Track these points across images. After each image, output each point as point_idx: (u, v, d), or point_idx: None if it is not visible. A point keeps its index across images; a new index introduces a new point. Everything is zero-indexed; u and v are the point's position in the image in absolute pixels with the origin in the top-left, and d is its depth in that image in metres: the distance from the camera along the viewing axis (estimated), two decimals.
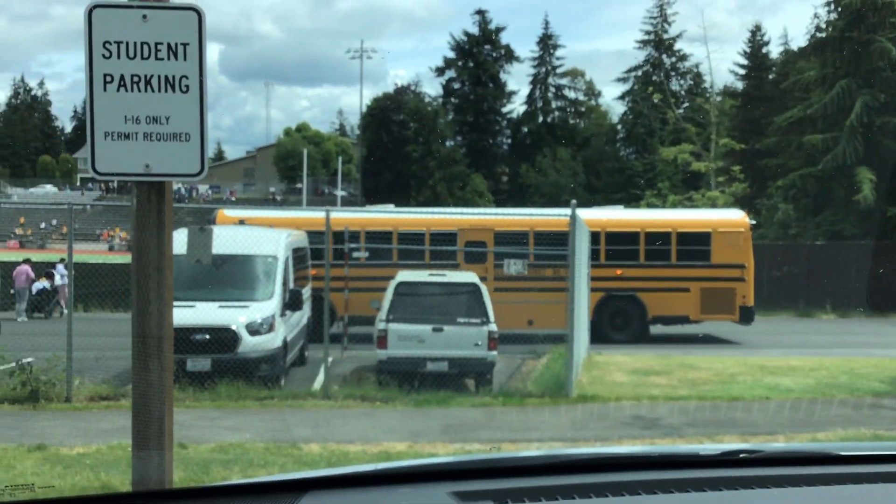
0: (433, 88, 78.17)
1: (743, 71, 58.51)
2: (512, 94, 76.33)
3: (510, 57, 75.31)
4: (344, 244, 18.01)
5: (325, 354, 13.23)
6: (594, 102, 77.89)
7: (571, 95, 77.34)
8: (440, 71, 75.05)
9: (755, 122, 48.21)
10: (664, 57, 69.34)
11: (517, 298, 18.37)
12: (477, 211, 25.90)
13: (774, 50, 58.68)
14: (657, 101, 50.11)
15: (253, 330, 13.11)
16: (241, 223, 17.24)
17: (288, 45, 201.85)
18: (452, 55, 74.70)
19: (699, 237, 20.74)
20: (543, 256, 18.74)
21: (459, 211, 26.77)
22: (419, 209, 36.63)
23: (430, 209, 37.30)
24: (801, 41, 67.34)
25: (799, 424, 11.28)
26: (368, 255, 19.69)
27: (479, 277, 14.67)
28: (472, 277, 14.39)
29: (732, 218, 21.88)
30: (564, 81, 76.88)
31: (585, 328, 16.47)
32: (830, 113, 36.39)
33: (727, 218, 22.01)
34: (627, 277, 20.38)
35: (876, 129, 35.26)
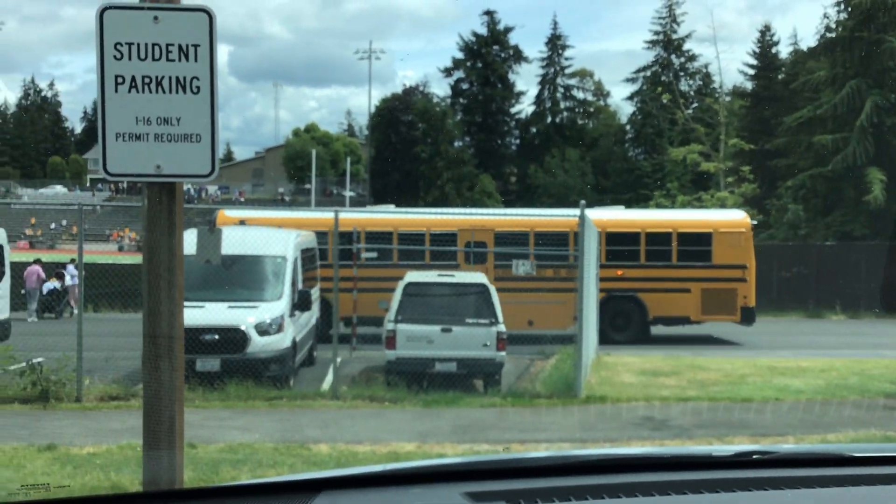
0: (441, 89, 78.36)
1: (752, 71, 58.32)
2: (520, 94, 76.33)
3: (519, 57, 75.26)
4: (351, 244, 18.03)
5: (333, 355, 13.25)
6: (603, 103, 77.77)
7: (580, 96, 77.27)
8: (448, 71, 75.07)
9: (765, 122, 48.05)
10: (673, 57, 69.16)
11: (517, 299, 18.29)
12: (478, 211, 25.72)
13: (784, 50, 58.36)
14: (666, 101, 49.96)
15: (262, 330, 13.14)
16: (241, 223, 17.24)
17: (296, 45, 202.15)
18: (461, 56, 74.70)
19: (700, 237, 20.67)
20: (543, 257, 18.71)
21: (459, 211, 26.58)
22: (419, 209, 36.56)
23: (430, 209, 37.23)
24: (810, 41, 67.00)
25: (809, 426, 11.24)
26: (376, 255, 19.71)
27: None
28: (480, 278, 14.39)
29: (733, 218, 21.81)
30: (573, 82, 76.80)
31: (594, 329, 16.44)
32: (840, 113, 36.25)
33: (728, 218, 21.95)
34: (628, 278, 20.30)
35: (886, 129, 35.11)
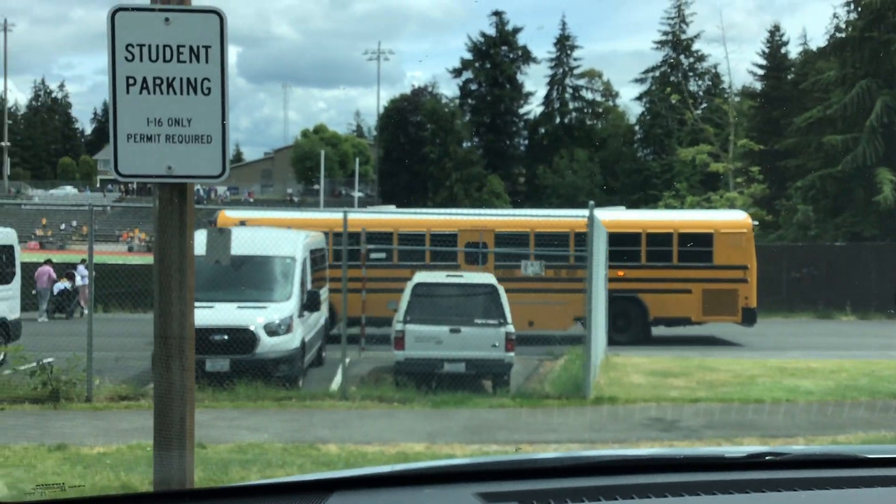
0: (450, 90, 78.27)
1: (761, 71, 58.12)
2: (529, 95, 76.27)
3: (527, 58, 75.22)
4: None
5: (342, 355, 13.27)
6: (611, 103, 77.66)
7: (589, 96, 77.18)
8: (457, 72, 75.07)
9: (774, 122, 47.89)
10: (682, 57, 69.01)
11: (517, 299, 18.22)
12: (479, 212, 25.46)
13: (793, 50, 58.06)
14: (675, 101, 49.92)
15: (271, 331, 13.16)
16: (241, 224, 17.28)
17: (305, 47, 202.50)
18: (469, 56, 74.73)
19: (701, 238, 20.60)
20: (544, 257, 18.67)
21: (460, 212, 26.47)
22: (419, 210, 36.55)
23: (429, 210, 37.22)
24: (820, 41, 66.78)
25: (819, 427, 11.21)
26: (384, 256, 19.72)
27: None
28: (489, 279, 14.39)
29: (735, 219, 21.74)
30: (582, 82, 76.72)
31: (603, 330, 16.42)
32: (850, 113, 36.12)
33: (729, 219, 21.87)
34: (629, 279, 20.20)
35: None
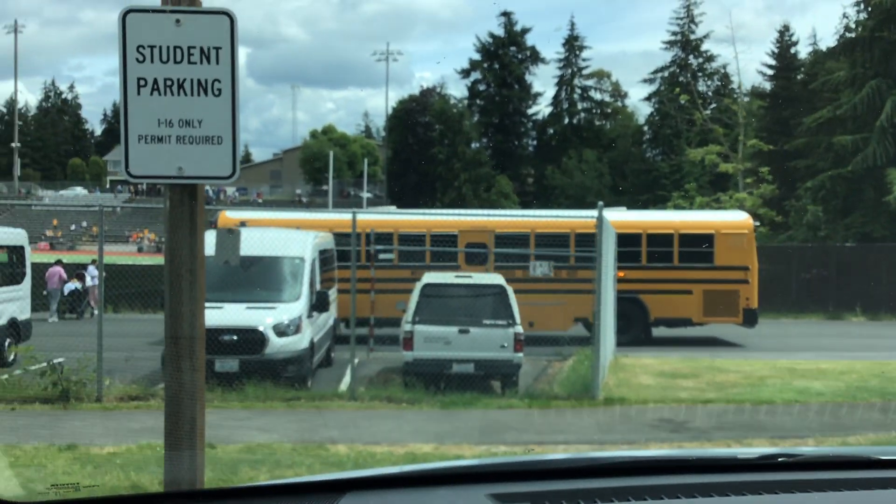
0: (458, 90, 78.31)
1: (771, 71, 57.95)
2: (537, 95, 76.25)
3: (536, 58, 75.19)
4: (369, 246, 18.09)
5: (351, 356, 13.28)
6: (620, 104, 77.57)
7: (597, 97, 77.14)
8: (465, 73, 75.10)
9: (783, 122, 47.74)
10: (691, 58, 68.88)
11: (517, 300, 18.27)
12: (479, 212, 25.41)
13: (803, 50, 57.89)
14: (684, 102, 49.81)
15: (280, 331, 13.19)
16: (242, 225, 17.33)
17: (314, 48, 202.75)
18: (478, 57, 74.74)
19: (702, 239, 20.54)
20: (545, 258, 18.66)
21: (460, 212, 26.38)
22: (419, 210, 36.51)
23: (430, 210, 37.18)
24: (830, 41, 66.52)
25: (829, 428, 11.16)
26: (390, 256, 19.77)
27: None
28: (498, 279, 14.38)
29: (736, 219, 21.68)
30: (590, 83, 76.67)
31: (612, 330, 16.40)
32: (860, 113, 35.98)
33: (731, 219, 21.82)
34: (630, 279, 20.12)
35: None
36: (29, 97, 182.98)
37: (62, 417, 11.10)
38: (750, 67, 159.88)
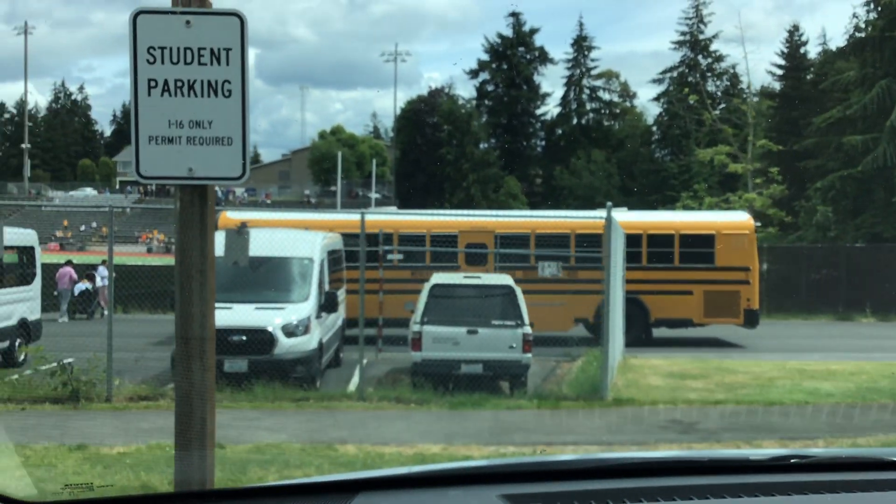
0: (467, 91, 78.35)
1: (780, 71, 57.78)
2: (546, 96, 76.24)
3: (544, 59, 75.18)
4: (379, 247, 18.10)
5: (360, 356, 13.29)
6: (629, 104, 77.48)
7: (606, 97, 77.07)
8: (474, 73, 75.13)
9: (793, 122, 47.60)
10: (700, 58, 68.74)
11: None
12: (479, 213, 25.31)
13: (813, 50, 57.74)
14: (693, 102, 49.67)
15: (289, 331, 13.21)
16: (242, 226, 17.33)
17: (322, 48, 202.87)
18: (486, 57, 74.73)
19: (703, 239, 20.48)
20: (545, 258, 18.64)
21: (460, 213, 26.31)
22: (420, 211, 36.47)
23: (431, 211, 37.13)
24: (839, 41, 66.26)
25: (839, 429, 11.11)
26: (401, 257, 19.79)
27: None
28: (506, 280, 14.37)
29: (737, 220, 21.64)
30: (599, 83, 76.60)
31: (620, 331, 16.37)
32: (870, 113, 35.84)
33: (731, 220, 21.77)
34: (630, 280, 20.02)
35: None
36: (39, 98, 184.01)
37: (72, 417, 11.14)
38: (759, 67, 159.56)
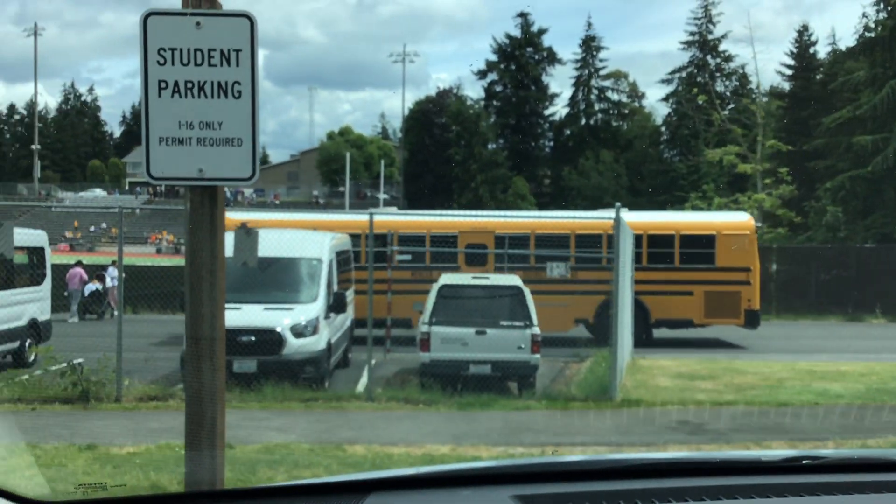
0: (475, 91, 78.35)
1: (790, 71, 57.64)
2: (554, 96, 76.24)
3: (552, 59, 75.14)
4: (386, 247, 18.14)
5: (368, 357, 13.30)
6: (637, 104, 77.37)
7: (614, 97, 77.03)
8: (482, 74, 75.15)
9: (803, 123, 47.46)
10: (709, 58, 68.59)
11: None
12: (478, 213, 25.23)
13: (822, 50, 57.85)
14: (702, 102, 49.55)
15: (297, 332, 13.22)
16: (242, 226, 17.34)
17: (331, 49, 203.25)
18: (494, 58, 74.74)
19: (704, 240, 20.42)
20: (544, 258, 18.62)
21: (460, 213, 26.18)
22: (421, 211, 36.42)
23: (431, 211, 37.07)
24: (849, 41, 66.14)
25: (849, 430, 11.07)
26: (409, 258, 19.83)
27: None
28: (515, 280, 14.36)
29: (738, 220, 21.59)
30: (607, 83, 76.54)
31: (629, 332, 16.33)
32: (880, 114, 35.72)
33: (732, 220, 21.72)
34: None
35: None
36: (49, 99, 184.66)
37: (82, 417, 11.18)
38: (768, 67, 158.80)
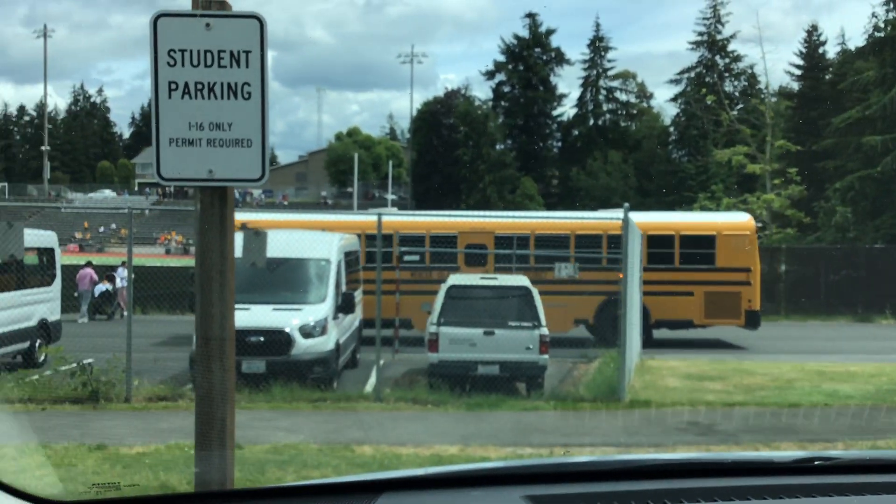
0: (483, 92, 78.37)
1: (799, 71, 57.48)
2: (562, 96, 76.13)
3: (561, 60, 75.08)
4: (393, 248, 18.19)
5: (376, 357, 13.32)
6: (646, 104, 77.24)
7: (623, 98, 76.88)
8: (490, 74, 75.12)
9: (812, 123, 47.31)
10: (717, 58, 68.38)
11: None
12: (477, 214, 25.20)
13: (831, 50, 57.56)
14: (710, 102, 49.43)
15: (306, 332, 13.25)
16: (243, 227, 17.39)
17: (339, 50, 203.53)
18: (502, 58, 74.71)
19: (704, 240, 20.39)
20: (544, 259, 18.59)
21: (459, 214, 26.15)
22: (421, 212, 36.45)
23: (430, 212, 37.11)
24: (858, 41, 65.88)
25: (858, 431, 11.03)
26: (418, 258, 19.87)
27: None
28: (523, 281, 14.35)
29: (738, 221, 21.56)
30: (616, 84, 76.42)
31: (637, 332, 16.31)
32: (889, 114, 35.60)
33: (733, 221, 21.70)
34: None
35: None
36: (58, 101, 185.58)
37: (92, 417, 11.22)
38: (777, 67, 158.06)
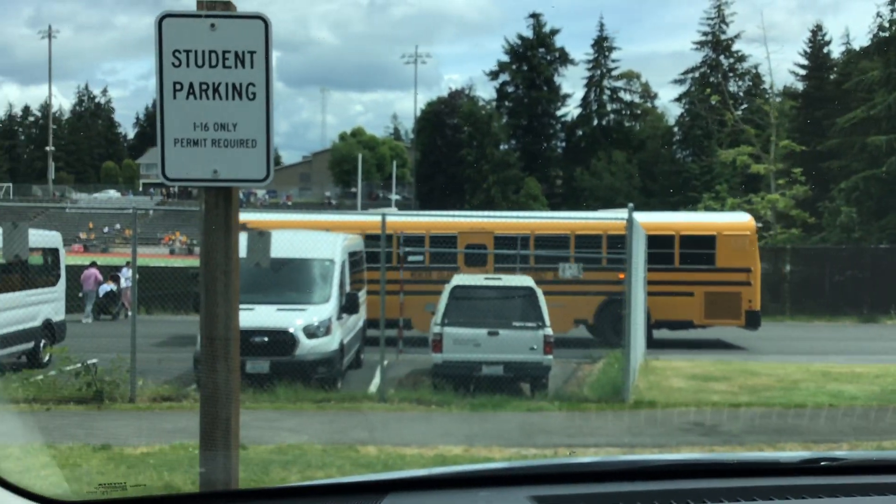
0: (487, 92, 78.25)
1: (803, 71, 57.37)
2: (566, 97, 76.11)
3: (565, 60, 75.04)
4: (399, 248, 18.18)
5: (381, 357, 13.32)
6: (650, 105, 77.14)
7: (627, 98, 76.83)
8: (494, 74, 75.10)
9: (816, 123, 47.20)
10: (722, 58, 68.31)
11: None
12: (477, 214, 25.12)
13: (836, 50, 57.30)
14: (715, 102, 49.35)
15: (310, 333, 13.25)
16: (243, 227, 17.39)
17: (343, 51, 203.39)
18: (506, 59, 74.69)
19: (704, 240, 20.37)
20: (544, 259, 18.56)
21: (459, 214, 26.11)
22: (420, 212, 36.40)
23: (430, 212, 37.09)
24: (863, 41, 65.67)
25: (863, 432, 11.01)
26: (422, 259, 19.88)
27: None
28: (527, 281, 14.34)
29: (738, 221, 21.55)
30: (620, 84, 76.36)
31: (642, 333, 16.29)
32: (894, 114, 35.54)
33: (733, 221, 21.69)
34: None
35: None
36: (63, 101, 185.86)
37: (96, 418, 11.23)
38: (782, 67, 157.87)
